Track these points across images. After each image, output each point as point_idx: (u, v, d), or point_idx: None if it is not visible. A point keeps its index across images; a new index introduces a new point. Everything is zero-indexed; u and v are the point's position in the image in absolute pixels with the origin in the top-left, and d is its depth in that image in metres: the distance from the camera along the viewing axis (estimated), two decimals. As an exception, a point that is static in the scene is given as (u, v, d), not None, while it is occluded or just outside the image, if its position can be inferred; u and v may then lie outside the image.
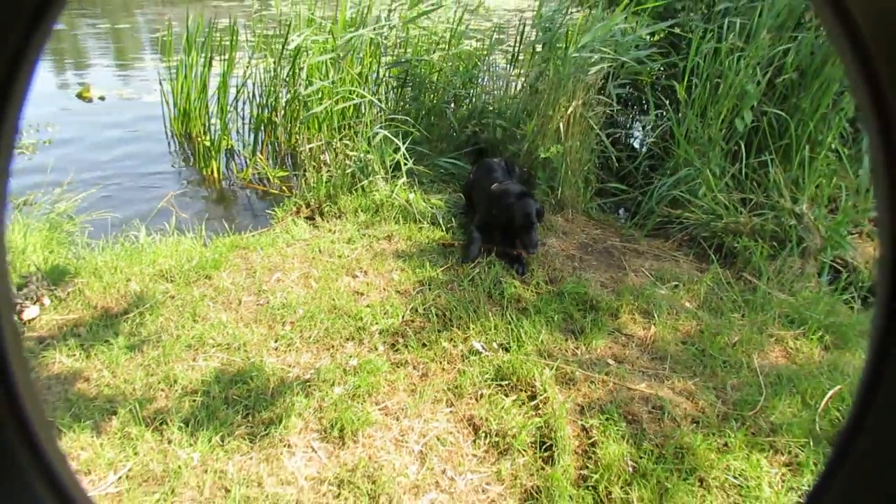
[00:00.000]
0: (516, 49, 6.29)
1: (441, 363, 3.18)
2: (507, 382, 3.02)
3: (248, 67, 6.60)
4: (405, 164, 4.78)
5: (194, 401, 2.87)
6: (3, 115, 0.56)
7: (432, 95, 5.97)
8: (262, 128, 6.54)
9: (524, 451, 2.67)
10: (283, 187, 5.75)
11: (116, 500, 2.39)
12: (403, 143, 4.81)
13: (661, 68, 5.79)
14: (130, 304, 3.53)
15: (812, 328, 3.51)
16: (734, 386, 3.08)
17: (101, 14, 18.29)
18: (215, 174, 6.27)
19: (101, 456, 2.56)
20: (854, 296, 3.97)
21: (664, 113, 5.43)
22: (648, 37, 5.66)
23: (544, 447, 2.68)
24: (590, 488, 2.50)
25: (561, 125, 4.84)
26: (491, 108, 5.79)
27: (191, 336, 3.28)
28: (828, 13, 0.52)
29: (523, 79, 5.95)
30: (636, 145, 6.07)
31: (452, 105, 6.13)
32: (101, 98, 8.60)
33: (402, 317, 3.50)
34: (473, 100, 5.93)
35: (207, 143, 6.41)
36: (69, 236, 4.31)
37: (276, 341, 3.31)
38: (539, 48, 5.88)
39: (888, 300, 0.55)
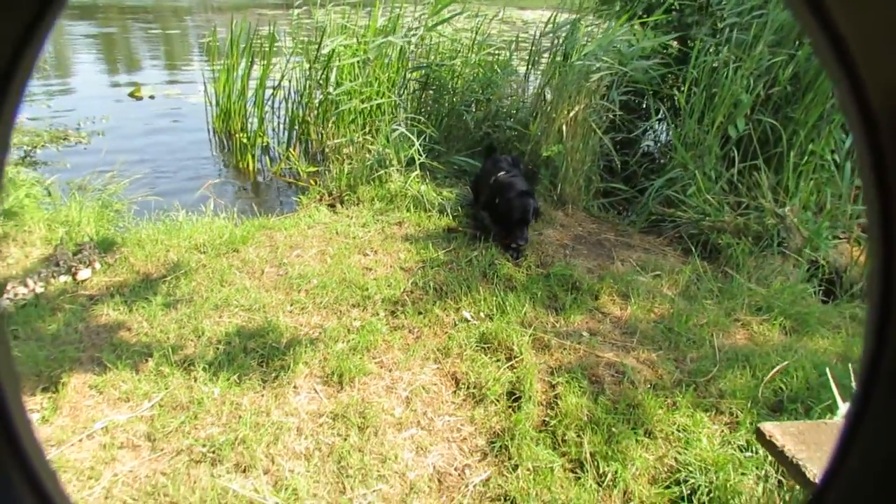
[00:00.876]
0: (531, 57, 6.71)
1: (433, 328, 3.61)
2: (488, 345, 3.43)
3: (285, 70, 7.15)
4: (419, 159, 5.24)
5: (218, 349, 3.33)
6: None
7: (452, 98, 6.41)
8: (296, 126, 7.08)
9: (497, 400, 3.07)
10: (312, 181, 6.23)
11: (149, 420, 2.86)
12: (420, 141, 5.27)
13: (669, 77, 6.15)
14: (168, 270, 4.03)
15: (776, 315, 3.84)
16: (693, 359, 3.43)
17: (153, 19, 19.24)
18: (250, 167, 6.83)
19: (139, 388, 3.03)
20: (820, 289, 4.28)
21: (665, 119, 5.79)
22: (662, 48, 6.01)
23: (514, 398, 3.08)
24: (549, 431, 2.89)
25: (564, 127, 5.24)
26: (504, 111, 6.20)
27: (218, 298, 3.76)
28: (814, 29, 0.51)
29: (535, 84, 6.36)
30: (639, 148, 6.38)
31: (473, 107, 6.54)
32: (151, 97, 9.29)
33: (404, 289, 3.94)
34: (489, 104, 6.34)
35: (245, 140, 6.97)
36: (118, 214, 4.86)
37: (291, 305, 3.77)
38: (552, 56, 6.30)
39: (881, 300, 0.55)
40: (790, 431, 1.90)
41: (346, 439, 2.81)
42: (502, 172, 4.70)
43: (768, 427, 1.92)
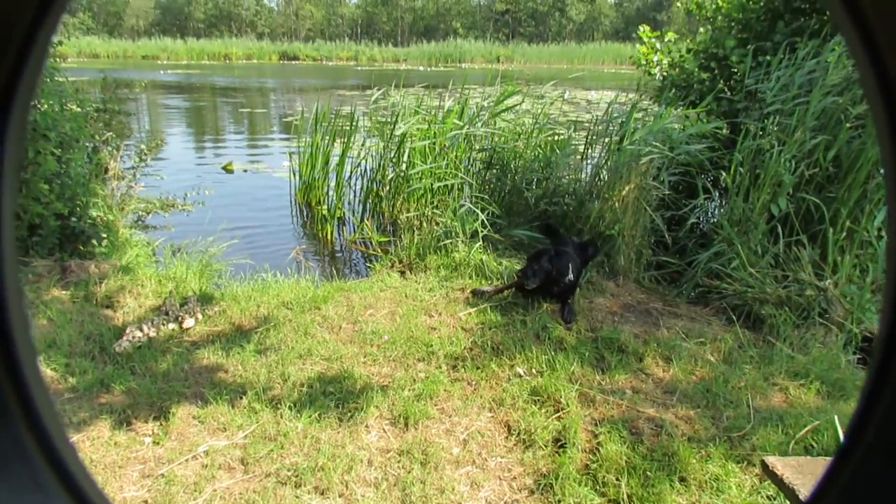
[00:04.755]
0: (588, 139, 7.24)
1: (490, 381, 4.03)
2: (539, 398, 3.81)
3: (361, 149, 7.93)
4: (482, 232, 5.77)
5: (301, 391, 3.84)
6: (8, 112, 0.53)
7: (514, 177, 6.98)
8: (370, 199, 7.79)
9: (544, 445, 3.43)
10: (381, 250, 6.83)
11: (243, 447, 3.36)
12: (483, 216, 5.81)
13: (717, 159, 6.55)
14: (259, 323, 4.62)
15: (812, 379, 4.08)
16: (729, 417, 3.71)
17: (241, 96, 20.93)
18: (329, 236, 7.52)
19: (234, 420, 3.55)
20: (856, 357, 4.49)
21: (713, 198, 6.16)
22: (712, 132, 6.45)
23: (559, 444, 3.44)
24: (590, 474, 3.23)
25: (617, 206, 5.69)
26: (562, 188, 6.71)
27: (302, 348, 4.30)
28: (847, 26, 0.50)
29: (592, 164, 6.88)
30: (689, 225, 6.73)
31: (533, 185, 7.04)
32: (244, 171, 10.30)
33: (464, 346, 4.39)
34: (548, 182, 6.86)
35: (325, 212, 7.72)
36: (216, 272, 5.55)
37: (364, 357, 4.27)
38: (609, 139, 6.82)
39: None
40: (790, 464, 2.23)
41: (409, 472, 3.22)
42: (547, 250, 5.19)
43: (772, 460, 2.26)
